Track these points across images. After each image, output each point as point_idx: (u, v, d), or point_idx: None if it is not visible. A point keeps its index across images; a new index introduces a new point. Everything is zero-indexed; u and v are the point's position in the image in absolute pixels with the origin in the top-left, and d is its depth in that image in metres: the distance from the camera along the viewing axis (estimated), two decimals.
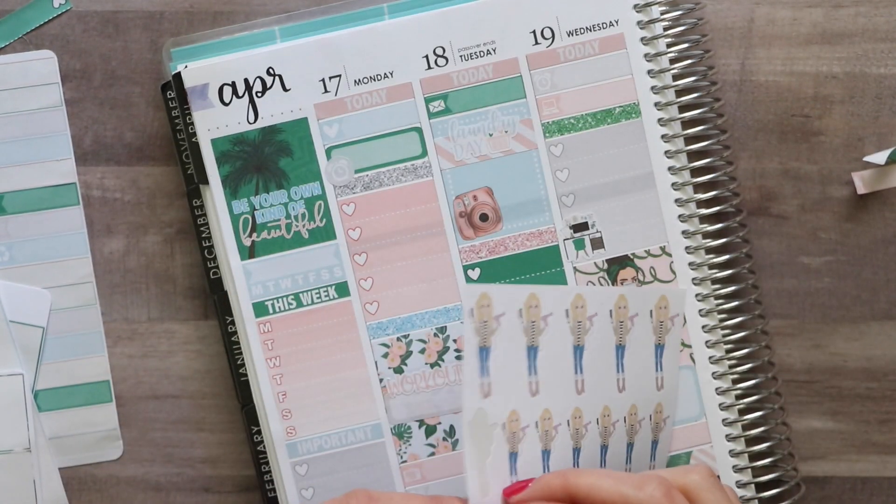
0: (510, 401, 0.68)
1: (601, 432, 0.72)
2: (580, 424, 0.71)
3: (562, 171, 0.77)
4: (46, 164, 0.78)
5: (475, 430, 0.67)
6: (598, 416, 0.72)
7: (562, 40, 0.76)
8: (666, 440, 0.76)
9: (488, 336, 0.68)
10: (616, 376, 0.72)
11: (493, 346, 0.68)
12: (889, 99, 0.78)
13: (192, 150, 0.77)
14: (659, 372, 0.75)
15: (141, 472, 0.79)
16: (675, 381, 0.76)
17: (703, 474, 0.67)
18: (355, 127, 0.76)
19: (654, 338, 0.74)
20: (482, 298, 0.67)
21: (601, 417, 0.72)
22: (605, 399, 0.72)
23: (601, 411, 0.72)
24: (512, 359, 0.68)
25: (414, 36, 0.76)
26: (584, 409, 0.71)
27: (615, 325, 0.72)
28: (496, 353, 0.68)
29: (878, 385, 0.79)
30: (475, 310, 0.67)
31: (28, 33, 0.78)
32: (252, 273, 0.76)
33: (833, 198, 0.79)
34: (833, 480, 0.79)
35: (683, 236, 0.77)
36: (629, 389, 0.73)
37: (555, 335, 0.70)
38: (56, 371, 0.78)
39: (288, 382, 0.76)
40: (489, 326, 0.67)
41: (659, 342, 0.75)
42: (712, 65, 0.78)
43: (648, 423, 0.74)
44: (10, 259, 0.78)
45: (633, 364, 0.73)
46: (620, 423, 0.73)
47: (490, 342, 0.68)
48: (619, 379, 0.73)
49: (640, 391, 0.73)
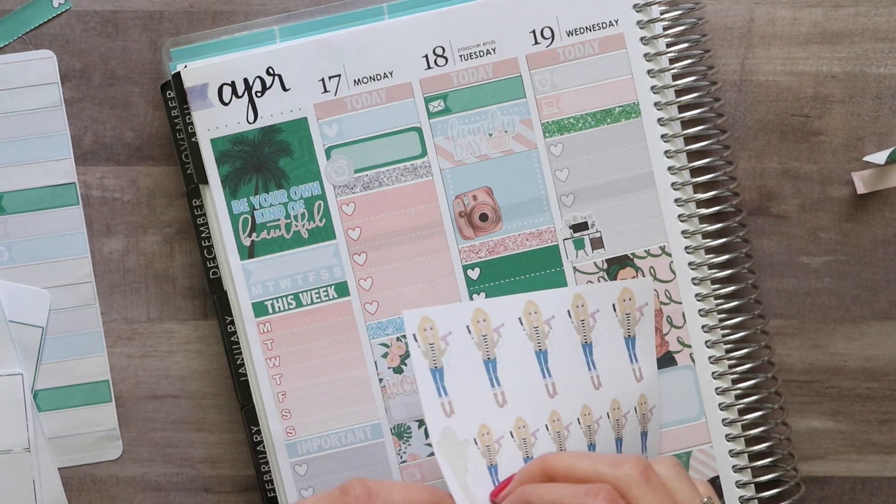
0: (477, 415, 0.70)
1: (585, 431, 0.72)
2: (560, 427, 0.72)
3: (562, 171, 0.77)
4: (46, 163, 0.78)
5: (446, 450, 0.68)
6: (579, 416, 0.72)
7: (562, 40, 0.76)
8: (655, 430, 0.76)
9: (438, 357, 0.70)
10: (589, 374, 0.73)
11: (447, 366, 0.70)
12: (889, 99, 0.78)
13: (192, 150, 0.77)
14: (634, 363, 0.75)
15: (140, 472, 0.79)
16: (654, 370, 0.75)
17: (669, 464, 0.68)
18: (355, 127, 0.76)
19: (623, 331, 0.75)
20: (423, 322, 0.70)
21: (582, 417, 0.72)
22: (582, 399, 0.72)
23: (580, 411, 0.72)
24: (470, 374, 0.70)
25: (413, 36, 0.76)
26: (562, 412, 0.71)
27: (576, 325, 0.73)
28: (451, 372, 0.70)
29: (878, 385, 0.79)
30: (418, 334, 0.69)
31: (28, 33, 0.78)
32: (252, 273, 0.76)
33: (833, 198, 0.79)
34: (833, 480, 0.79)
35: (683, 236, 0.77)
36: (606, 385, 0.73)
37: (511, 344, 0.71)
38: (55, 371, 0.78)
39: (287, 382, 0.76)
40: (437, 347, 0.69)
41: (629, 334, 0.75)
42: (712, 65, 0.78)
43: (634, 416, 0.74)
44: (9, 259, 0.78)
45: (604, 360, 0.74)
46: (605, 420, 0.73)
47: (441, 362, 0.70)
48: (592, 377, 0.73)
49: (618, 386, 0.74)
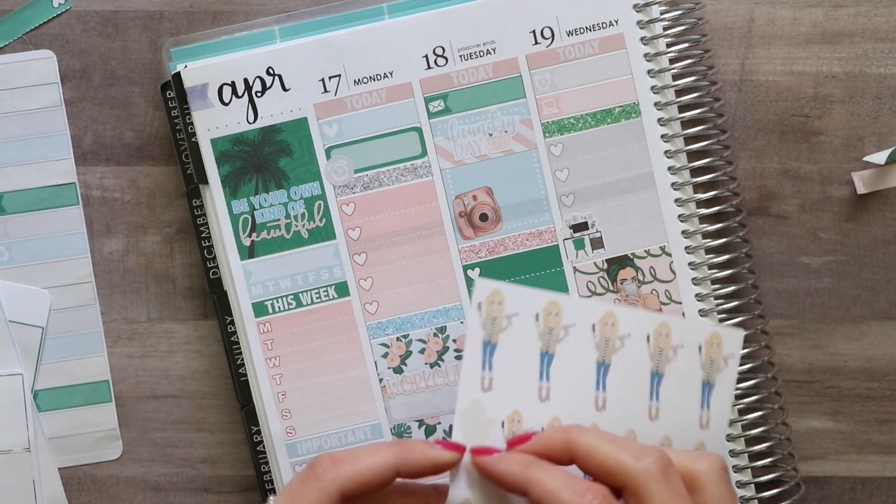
0: (514, 400, 0.67)
1: None
2: None
3: (561, 171, 0.77)
4: (46, 163, 0.78)
5: (467, 420, 0.67)
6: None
7: (561, 40, 0.76)
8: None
9: (496, 332, 0.67)
10: (648, 403, 0.69)
11: (501, 343, 0.67)
12: (889, 99, 0.78)
13: (192, 150, 0.77)
14: (704, 410, 0.70)
15: (140, 472, 0.79)
16: (724, 426, 0.71)
17: (714, 465, 0.66)
18: (355, 127, 0.76)
19: (702, 374, 0.70)
20: (493, 294, 0.67)
21: None
22: (631, 422, 0.69)
23: (625, 433, 0.69)
24: (521, 360, 0.67)
25: (414, 36, 0.76)
26: (604, 427, 0.68)
27: (652, 352, 0.69)
28: (503, 351, 0.67)
29: (878, 385, 0.79)
30: (484, 304, 0.67)
31: (28, 33, 0.78)
32: (252, 273, 0.76)
33: (833, 198, 0.79)
34: (833, 480, 0.79)
35: (683, 236, 0.77)
36: (663, 420, 0.70)
37: (574, 346, 0.68)
38: (55, 371, 0.78)
39: (287, 382, 0.76)
40: (498, 323, 0.67)
41: (707, 380, 0.71)
42: (712, 65, 0.78)
43: None
44: (9, 259, 0.78)
45: (671, 395, 0.70)
46: None
47: (497, 339, 0.67)
48: (651, 406, 0.69)
49: (677, 425, 0.70)
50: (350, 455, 0.66)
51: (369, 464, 0.66)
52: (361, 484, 0.66)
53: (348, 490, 0.66)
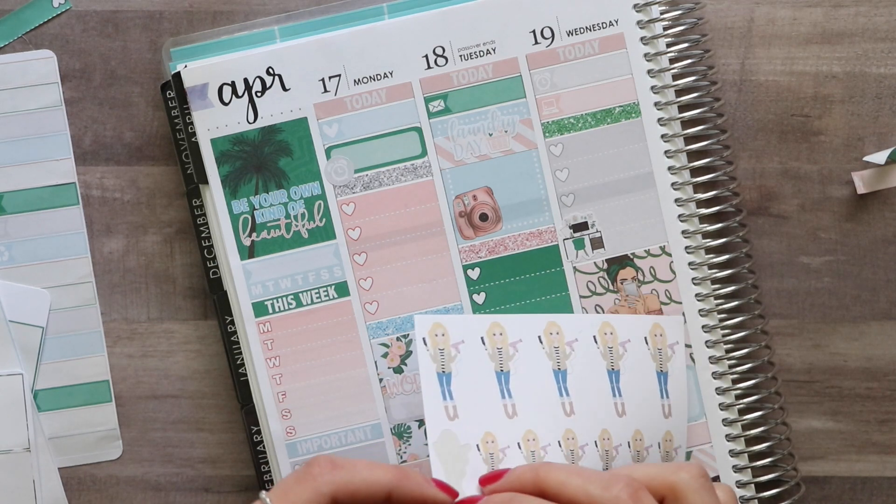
0: (483, 423, 0.70)
1: (602, 455, 0.71)
2: (575, 446, 0.71)
3: (561, 171, 0.77)
4: (46, 163, 0.78)
5: (443, 450, 0.68)
6: (597, 439, 0.71)
7: (561, 40, 0.76)
8: None
9: (447, 362, 0.70)
10: (613, 400, 0.72)
11: (455, 372, 0.70)
12: (889, 99, 0.78)
13: (192, 150, 0.77)
14: (665, 399, 0.74)
15: (140, 471, 0.79)
16: (685, 411, 0.75)
17: (693, 473, 0.66)
18: (355, 127, 0.76)
19: (655, 364, 0.74)
20: (435, 328, 0.70)
21: (600, 440, 0.71)
22: (602, 423, 0.72)
23: (599, 434, 0.71)
24: (479, 383, 0.70)
25: (413, 36, 0.76)
26: (578, 431, 0.71)
27: (602, 351, 0.72)
28: (459, 378, 0.69)
29: (878, 385, 0.79)
30: (428, 338, 0.69)
31: (28, 33, 0.78)
32: (252, 273, 0.76)
33: (833, 198, 0.79)
34: (833, 480, 0.79)
35: (683, 236, 0.77)
36: (630, 415, 0.72)
37: (527, 360, 0.71)
38: (55, 371, 0.78)
39: (288, 382, 0.76)
40: (447, 354, 0.70)
41: (661, 369, 0.74)
42: (712, 64, 0.78)
43: (657, 452, 0.73)
44: (9, 259, 0.78)
45: (632, 390, 0.73)
46: (625, 448, 0.72)
47: (450, 368, 0.70)
48: (616, 403, 0.72)
49: (644, 418, 0.73)
50: (350, 463, 0.66)
51: (366, 477, 0.66)
52: (353, 495, 0.66)
53: (340, 497, 0.66)
